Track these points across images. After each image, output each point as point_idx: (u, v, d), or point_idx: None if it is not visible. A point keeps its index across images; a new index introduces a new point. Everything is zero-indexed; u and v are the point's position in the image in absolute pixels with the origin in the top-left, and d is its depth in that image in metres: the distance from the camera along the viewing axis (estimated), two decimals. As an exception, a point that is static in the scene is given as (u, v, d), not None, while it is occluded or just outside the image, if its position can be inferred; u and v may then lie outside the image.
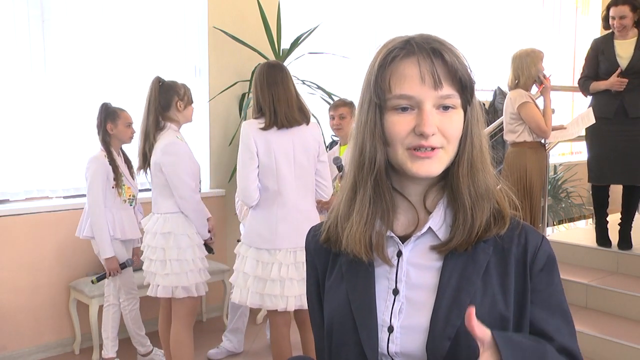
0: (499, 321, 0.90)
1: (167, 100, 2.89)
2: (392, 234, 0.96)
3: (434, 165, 0.90)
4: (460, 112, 0.91)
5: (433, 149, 0.89)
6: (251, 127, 2.66)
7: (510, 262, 0.93)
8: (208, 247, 3.05)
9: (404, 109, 0.89)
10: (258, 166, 2.68)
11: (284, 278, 2.68)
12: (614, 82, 3.88)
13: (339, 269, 1.00)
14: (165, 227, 2.84)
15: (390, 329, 0.93)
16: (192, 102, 3.00)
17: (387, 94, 0.90)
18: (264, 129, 2.65)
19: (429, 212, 0.96)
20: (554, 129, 4.07)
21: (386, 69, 0.90)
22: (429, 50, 0.88)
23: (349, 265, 0.98)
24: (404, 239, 0.96)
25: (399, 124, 0.89)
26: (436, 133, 0.89)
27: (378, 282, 0.96)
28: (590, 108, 3.96)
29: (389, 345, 0.93)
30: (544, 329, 0.93)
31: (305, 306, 2.70)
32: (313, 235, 1.08)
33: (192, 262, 2.89)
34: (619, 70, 3.87)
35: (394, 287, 0.95)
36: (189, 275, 2.88)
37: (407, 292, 0.94)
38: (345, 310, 0.96)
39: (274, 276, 2.67)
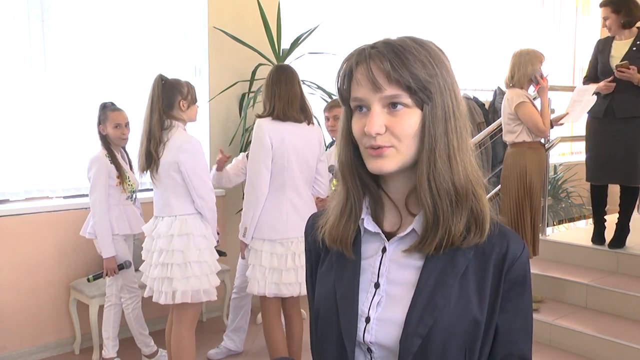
0: (471, 324, 0.94)
1: (170, 99, 2.81)
2: (379, 230, 1.01)
3: (385, 163, 0.93)
4: (415, 110, 0.92)
5: (383, 147, 0.93)
6: (265, 122, 2.81)
7: (489, 268, 0.95)
8: (220, 251, 3.01)
9: (361, 109, 0.95)
10: (272, 161, 2.80)
11: (297, 266, 2.87)
12: (602, 86, 3.96)
13: (330, 259, 1.06)
14: (183, 229, 2.76)
15: (367, 320, 0.98)
16: (195, 101, 2.94)
17: (349, 97, 0.96)
18: (260, 116, 2.84)
19: (412, 214, 0.99)
20: (558, 119, 4.09)
21: (346, 76, 0.96)
22: (367, 56, 0.92)
23: (339, 256, 1.04)
24: (391, 235, 1.01)
25: (357, 125, 0.95)
26: (382, 133, 0.92)
27: (363, 275, 1.01)
28: (578, 87, 4.03)
29: (365, 334, 0.98)
30: (508, 336, 0.97)
31: None
32: (311, 224, 1.14)
33: (212, 265, 2.87)
34: (612, 77, 3.92)
35: (376, 280, 1.00)
36: (209, 277, 2.83)
37: (387, 287, 0.99)
38: (331, 298, 1.03)
39: (289, 266, 2.86)
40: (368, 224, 1.01)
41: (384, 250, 1.01)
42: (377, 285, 0.99)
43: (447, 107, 0.93)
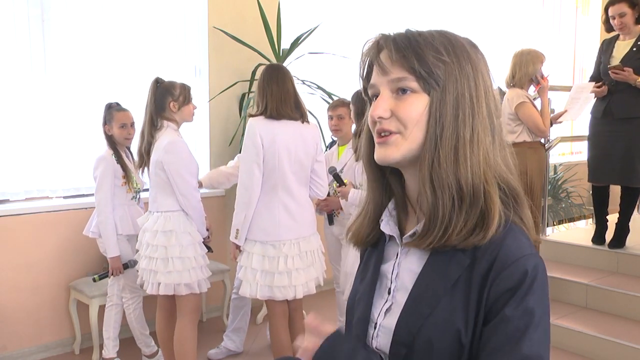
0: (456, 338, 0.86)
1: (161, 101, 2.93)
2: (394, 233, 0.97)
3: (388, 150, 0.90)
4: (422, 96, 0.88)
5: (390, 133, 0.89)
6: (256, 122, 2.79)
7: (476, 278, 0.86)
8: (207, 246, 3.08)
9: (375, 98, 0.92)
10: (263, 161, 2.77)
11: (290, 269, 2.82)
12: (594, 90, 3.99)
13: (363, 260, 1.07)
14: (166, 226, 2.87)
15: (375, 326, 0.96)
16: (189, 102, 3.01)
17: (367, 87, 0.95)
18: (252, 115, 2.84)
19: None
20: (557, 117, 4.10)
21: (364, 64, 0.96)
22: (376, 43, 0.92)
23: (368, 258, 1.04)
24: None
25: (369, 112, 0.93)
26: (387, 117, 0.89)
27: (381, 280, 0.99)
28: (576, 84, 4.03)
29: (372, 341, 0.96)
30: (481, 355, 0.84)
31: (312, 291, 2.95)
32: None
33: (194, 260, 2.93)
34: (601, 83, 3.96)
35: (389, 286, 0.97)
36: (191, 272, 2.92)
37: (395, 293, 0.96)
38: (352, 300, 1.03)
39: (281, 269, 2.81)
40: (384, 226, 0.98)
41: (398, 254, 0.98)
42: (389, 291, 0.96)
43: (461, 96, 0.88)
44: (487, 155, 0.89)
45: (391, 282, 0.96)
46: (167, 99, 2.93)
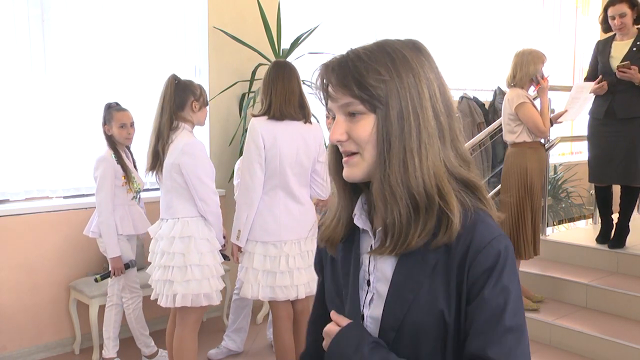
0: (439, 319, 0.94)
1: (182, 99, 2.79)
2: (367, 227, 1.03)
3: (351, 170, 0.98)
4: (370, 116, 0.95)
5: (352, 154, 0.97)
6: (259, 122, 2.77)
7: (453, 266, 0.94)
8: (223, 254, 2.97)
9: (334, 119, 1.00)
10: (265, 161, 2.76)
11: (292, 269, 2.81)
12: (594, 88, 3.98)
13: (341, 253, 1.08)
14: (185, 232, 2.72)
15: (362, 318, 1.02)
16: (207, 104, 2.91)
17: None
18: (255, 115, 2.80)
19: None
20: (557, 116, 4.10)
21: (318, 90, 1.03)
22: (320, 75, 0.99)
23: (346, 250, 1.07)
24: None
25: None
26: (343, 140, 0.97)
27: (360, 272, 1.04)
28: (576, 83, 4.03)
29: None
30: (468, 332, 0.93)
31: (314, 291, 2.79)
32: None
33: (214, 268, 2.79)
34: (599, 78, 3.96)
35: (367, 278, 1.02)
36: (210, 281, 2.77)
37: (375, 284, 1.01)
38: (333, 294, 1.09)
39: (282, 268, 2.79)
40: (357, 220, 1.03)
41: (372, 246, 1.02)
42: (368, 283, 1.02)
43: (405, 109, 0.93)
44: (437, 160, 0.94)
45: (369, 274, 1.02)
46: (189, 97, 2.80)
